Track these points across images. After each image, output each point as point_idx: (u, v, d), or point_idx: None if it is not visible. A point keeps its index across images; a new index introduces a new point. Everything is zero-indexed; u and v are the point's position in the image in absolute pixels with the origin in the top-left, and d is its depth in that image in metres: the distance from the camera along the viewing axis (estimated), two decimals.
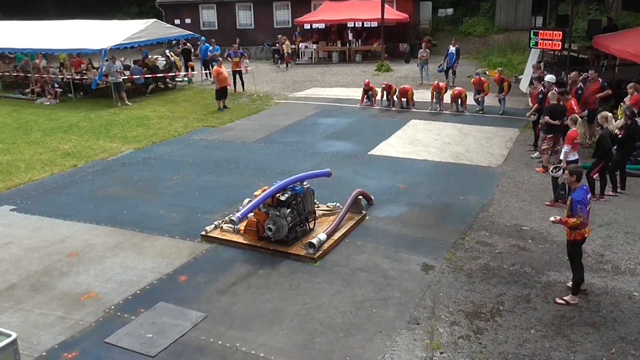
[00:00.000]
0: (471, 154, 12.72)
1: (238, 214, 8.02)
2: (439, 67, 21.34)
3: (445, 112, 16.50)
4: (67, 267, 7.94)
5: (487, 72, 23.09)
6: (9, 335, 5.01)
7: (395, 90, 17.57)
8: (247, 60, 24.77)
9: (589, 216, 6.89)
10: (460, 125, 15.16)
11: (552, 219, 6.80)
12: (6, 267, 7.98)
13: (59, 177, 11.88)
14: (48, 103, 19.88)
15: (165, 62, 22.83)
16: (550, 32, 16.52)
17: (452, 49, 20.58)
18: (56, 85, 20.49)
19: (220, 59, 19.83)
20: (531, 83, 14.96)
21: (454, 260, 7.96)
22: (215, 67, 18.37)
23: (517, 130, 14.58)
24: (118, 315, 6.74)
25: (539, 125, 12.07)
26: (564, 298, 6.88)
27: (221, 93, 18.14)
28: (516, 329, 6.36)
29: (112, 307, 6.92)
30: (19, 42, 21.08)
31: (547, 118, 11.10)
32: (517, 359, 5.85)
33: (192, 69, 24.24)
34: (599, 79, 13.22)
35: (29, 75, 21.51)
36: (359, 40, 28.36)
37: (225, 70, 18.29)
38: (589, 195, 6.91)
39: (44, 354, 6.06)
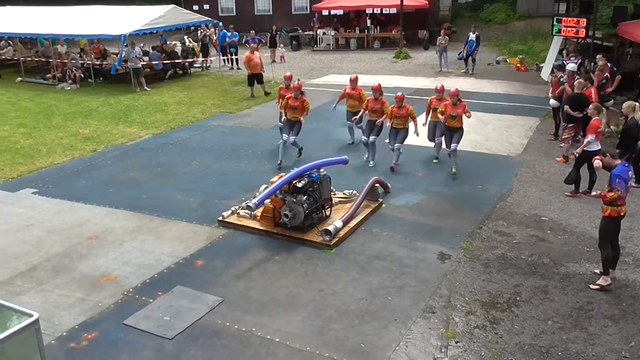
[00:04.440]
0: (490, 143, 12.61)
1: (255, 200, 8.06)
2: (458, 54, 21.14)
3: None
4: (87, 250, 8.05)
5: (507, 60, 22.89)
6: (31, 315, 5.10)
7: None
8: (283, 49, 24.68)
9: (628, 193, 6.79)
10: (479, 114, 14.94)
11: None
12: (28, 248, 8.11)
13: (79, 162, 12.02)
14: (69, 88, 20.06)
15: (182, 48, 22.87)
16: (574, 19, 16.24)
17: (472, 36, 20.34)
18: (76, 70, 20.66)
19: (254, 44, 19.66)
20: (552, 71, 14.74)
21: (471, 249, 7.92)
22: (246, 54, 18.16)
23: (537, 119, 14.40)
24: (136, 298, 6.83)
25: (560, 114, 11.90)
26: (597, 282, 6.85)
27: (252, 79, 18.03)
28: (533, 320, 6.33)
29: (131, 289, 7.02)
30: (40, 28, 21.24)
31: (567, 108, 10.93)
32: (534, 350, 5.82)
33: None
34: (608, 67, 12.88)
35: (50, 60, 21.70)
36: (378, 27, 28.14)
37: (257, 56, 17.90)
38: (630, 172, 6.84)
39: (64, 334, 6.17)
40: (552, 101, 12.62)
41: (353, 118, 11.94)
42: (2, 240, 8.35)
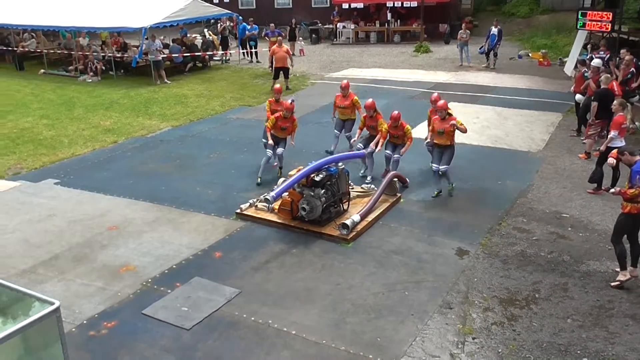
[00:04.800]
0: (510, 138, 12.47)
1: (273, 194, 8.08)
2: (480, 48, 20.91)
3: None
4: (107, 240, 8.15)
5: (530, 55, 22.60)
6: (53, 304, 5.17)
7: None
8: (302, 42, 24.62)
9: None
10: (500, 109, 14.86)
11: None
12: (50, 238, 8.24)
13: (100, 153, 12.16)
14: (90, 80, 20.27)
15: (202, 41, 22.97)
16: (600, 12, 15.96)
17: (494, 30, 20.11)
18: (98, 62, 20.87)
19: (280, 37, 19.63)
20: (576, 66, 14.51)
21: (490, 245, 7.86)
22: (273, 47, 18.17)
23: (559, 115, 14.21)
24: (155, 288, 6.90)
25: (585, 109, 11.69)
26: (617, 279, 6.79)
27: (277, 72, 18.00)
28: (552, 317, 6.26)
29: (150, 280, 7.09)
30: (62, 20, 21.47)
31: (595, 104, 10.73)
32: (552, 348, 5.76)
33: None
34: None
35: (72, 52, 21.94)
36: (398, 21, 27.95)
37: (284, 49, 17.79)
38: None
39: (84, 322, 6.26)
40: (578, 96, 12.43)
41: (352, 140, 10.90)
42: (25, 230, 8.48)
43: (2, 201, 9.54)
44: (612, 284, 6.80)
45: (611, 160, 7.16)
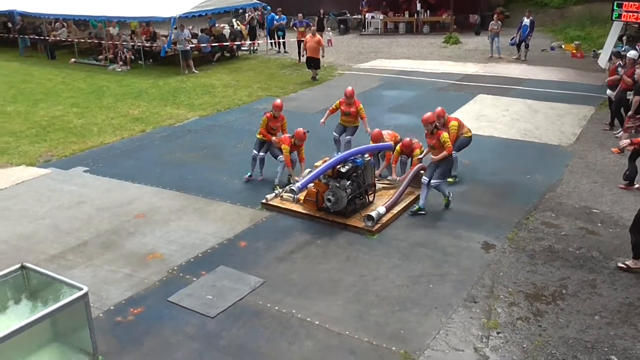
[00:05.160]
0: (540, 132, 12.26)
1: (298, 184, 8.09)
2: (511, 39, 20.54)
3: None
4: (134, 228, 8.27)
5: (562, 46, 22.14)
6: (81, 289, 5.28)
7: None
8: (330, 33, 24.55)
9: None
10: (530, 102, 14.60)
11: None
12: (79, 224, 8.39)
13: (128, 142, 12.32)
14: (119, 69, 20.53)
15: (230, 31, 23.04)
16: (637, 3, 15.51)
17: (526, 21, 19.74)
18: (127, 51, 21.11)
19: (313, 27, 19.61)
20: (610, 58, 14.16)
21: (516, 240, 7.75)
22: (307, 37, 18.21)
23: (592, 108, 13.89)
24: (180, 276, 6.99)
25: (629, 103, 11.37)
26: (626, 262, 6.87)
27: (308, 63, 18.04)
28: (579, 314, 6.16)
29: (175, 267, 7.18)
30: (93, 10, 21.76)
31: (637, 98, 10.44)
32: (579, 345, 5.67)
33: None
34: None
35: (102, 42, 22.24)
36: (428, 11, 27.62)
37: (315, 39, 17.73)
38: None
39: (111, 308, 6.37)
40: (609, 91, 12.13)
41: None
42: (55, 216, 8.66)
43: (34, 188, 9.75)
44: (620, 264, 6.93)
45: (624, 143, 7.14)
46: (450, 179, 9.25)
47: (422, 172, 9.16)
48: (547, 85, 16.31)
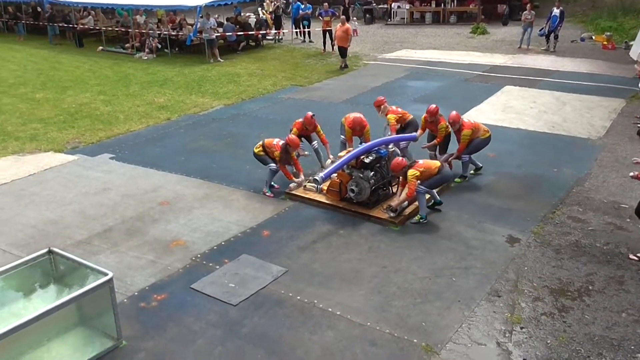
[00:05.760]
0: (569, 124, 12.03)
1: (322, 174, 8.07)
2: (540, 30, 20.18)
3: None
4: (158, 215, 8.35)
5: (593, 37, 21.65)
6: (106, 274, 5.37)
7: None
8: (356, 22, 24.45)
9: None
10: (558, 94, 14.33)
11: None
12: (105, 211, 8.51)
13: (154, 129, 12.43)
14: (146, 57, 20.70)
15: (256, 20, 23.04)
16: None
17: (555, 11, 19.34)
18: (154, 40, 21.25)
19: (343, 16, 19.54)
20: None
21: (542, 234, 7.63)
22: (337, 26, 18.19)
23: (622, 101, 13.58)
24: (204, 264, 7.04)
25: None
26: (638, 254, 6.87)
27: (340, 51, 18.02)
28: (605, 310, 6.04)
29: (199, 255, 7.24)
30: None
31: None
32: (604, 342, 5.57)
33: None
34: None
35: (129, 30, 22.42)
36: (455, 0, 27.24)
37: (344, 28, 17.67)
38: None
39: (135, 293, 6.45)
40: None
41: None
42: (81, 202, 8.79)
43: (61, 174, 9.91)
44: (631, 256, 6.96)
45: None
46: (458, 180, 9.14)
47: (445, 163, 9.01)
48: (576, 77, 15.99)
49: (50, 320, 5.08)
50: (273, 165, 8.87)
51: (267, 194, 8.88)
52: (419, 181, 7.74)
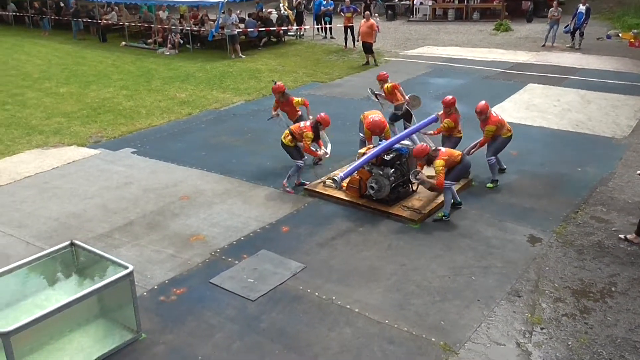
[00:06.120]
0: (593, 123, 11.83)
1: (341, 174, 8.06)
2: (565, 27, 19.84)
3: None
4: (179, 209, 8.41)
5: (620, 35, 21.26)
6: (127, 268, 5.42)
7: None
8: (378, 19, 24.36)
9: None
10: (583, 92, 14.10)
11: None
12: (126, 204, 8.60)
13: (175, 124, 12.52)
14: (168, 53, 20.85)
15: (277, 16, 23.06)
16: None
17: (581, 7, 19.00)
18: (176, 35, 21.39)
19: (368, 12, 19.50)
20: None
21: (564, 234, 7.52)
22: (361, 22, 18.16)
23: None
24: (223, 259, 7.08)
25: None
26: (628, 236, 7.15)
27: (364, 47, 17.98)
28: (628, 312, 5.94)
29: (218, 250, 7.27)
30: None
31: None
32: (627, 345, 5.48)
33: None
34: None
35: (152, 25, 22.60)
36: None
37: (368, 24, 17.67)
38: None
39: (155, 287, 6.51)
40: None
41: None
42: (103, 196, 8.89)
43: (84, 168, 10.03)
44: (621, 235, 7.27)
45: None
46: (490, 185, 8.90)
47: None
48: (602, 75, 15.71)
49: (71, 312, 5.15)
50: (300, 162, 8.84)
51: (287, 189, 8.86)
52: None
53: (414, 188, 8.59)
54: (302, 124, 8.87)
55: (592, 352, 5.40)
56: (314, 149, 8.87)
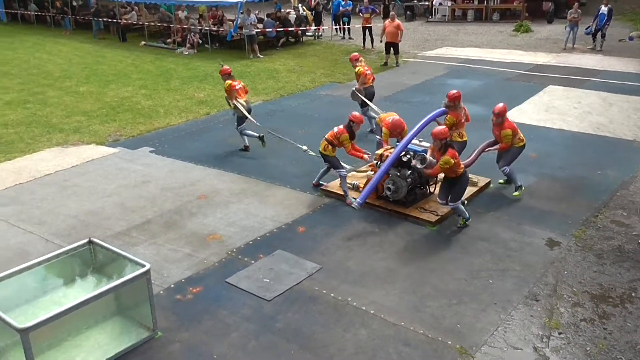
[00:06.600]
0: (614, 126, 11.66)
1: (359, 199, 7.87)
2: (586, 28, 19.59)
3: None
4: (196, 209, 8.45)
5: None
6: (144, 266, 5.46)
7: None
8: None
9: None
10: (604, 94, 13.91)
11: None
12: (144, 203, 8.66)
13: (193, 124, 12.59)
14: (187, 53, 20.97)
15: (296, 16, 23.08)
16: None
17: (603, 8, 18.76)
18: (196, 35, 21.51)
19: (393, 12, 19.43)
20: None
21: (584, 238, 7.43)
22: (385, 22, 18.14)
23: None
24: (239, 258, 7.10)
25: None
26: None
27: (387, 47, 17.95)
28: None
29: (234, 249, 7.30)
30: None
31: None
32: None
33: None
34: None
35: (171, 25, 22.77)
36: None
37: (393, 24, 17.58)
38: None
39: (172, 286, 6.55)
40: None
41: None
42: (122, 194, 8.97)
43: (103, 166, 10.13)
44: None
45: None
46: (516, 193, 8.59)
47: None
48: (624, 77, 15.50)
49: (89, 309, 5.20)
50: (343, 171, 8.53)
51: (353, 204, 8.04)
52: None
53: (431, 190, 8.54)
54: (335, 129, 8.59)
55: (611, 358, 5.32)
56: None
